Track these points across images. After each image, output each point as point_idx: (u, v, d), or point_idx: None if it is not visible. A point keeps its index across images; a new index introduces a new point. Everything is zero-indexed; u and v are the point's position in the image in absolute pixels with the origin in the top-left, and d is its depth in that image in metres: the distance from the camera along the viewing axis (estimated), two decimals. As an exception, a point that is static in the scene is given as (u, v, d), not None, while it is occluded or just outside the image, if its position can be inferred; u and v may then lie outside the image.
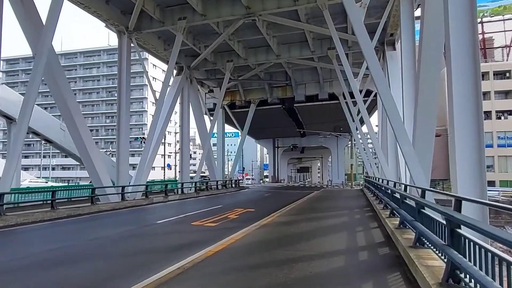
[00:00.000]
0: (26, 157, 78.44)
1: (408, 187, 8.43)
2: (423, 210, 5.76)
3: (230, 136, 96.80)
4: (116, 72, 18.75)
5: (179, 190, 22.97)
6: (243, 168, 67.74)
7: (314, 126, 40.85)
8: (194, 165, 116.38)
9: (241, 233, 8.49)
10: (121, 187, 16.73)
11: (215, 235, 8.25)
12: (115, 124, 20.44)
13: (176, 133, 49.43)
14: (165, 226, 10.72)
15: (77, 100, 77.76)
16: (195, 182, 24.48)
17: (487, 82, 41.94)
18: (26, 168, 74.55)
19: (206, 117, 30.36)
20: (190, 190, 24.23)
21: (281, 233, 8.62)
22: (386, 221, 8.97)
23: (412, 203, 6.76)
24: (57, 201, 12.82)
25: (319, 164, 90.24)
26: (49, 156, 68.58)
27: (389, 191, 10.37)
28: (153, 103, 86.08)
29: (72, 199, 16.26)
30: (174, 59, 19.33)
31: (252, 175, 71.03)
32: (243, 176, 62.60)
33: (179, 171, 26.31)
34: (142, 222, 11.98)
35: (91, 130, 74.12)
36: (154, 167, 67.25)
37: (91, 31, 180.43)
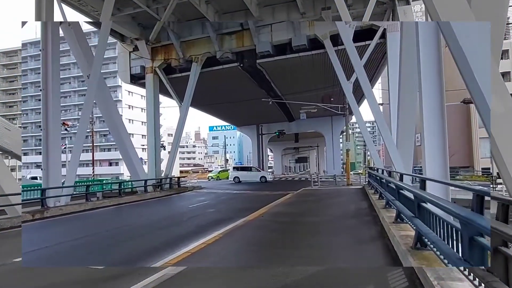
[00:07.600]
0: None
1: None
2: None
3: (229, 129, 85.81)
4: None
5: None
6: (234, 160, 57.16)
7: (294, 96, 28.93)
8: (195, 165, 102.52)
9: None
10: None
11: None
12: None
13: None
14: None
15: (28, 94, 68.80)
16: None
17: (507, 61, 35.33)
18: (38, 166, 64.42)
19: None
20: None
21: None
22: None
23: None
24: None
25: (316, 154, 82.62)
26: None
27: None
28: (128, 91, 75.35)
29: None
30: None
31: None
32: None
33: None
34: None
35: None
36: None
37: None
